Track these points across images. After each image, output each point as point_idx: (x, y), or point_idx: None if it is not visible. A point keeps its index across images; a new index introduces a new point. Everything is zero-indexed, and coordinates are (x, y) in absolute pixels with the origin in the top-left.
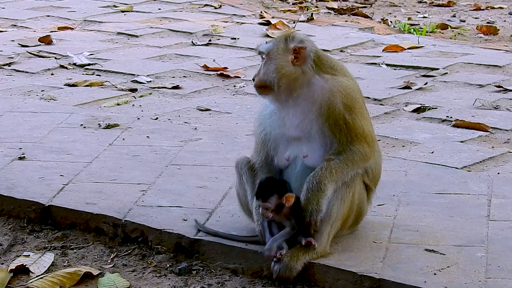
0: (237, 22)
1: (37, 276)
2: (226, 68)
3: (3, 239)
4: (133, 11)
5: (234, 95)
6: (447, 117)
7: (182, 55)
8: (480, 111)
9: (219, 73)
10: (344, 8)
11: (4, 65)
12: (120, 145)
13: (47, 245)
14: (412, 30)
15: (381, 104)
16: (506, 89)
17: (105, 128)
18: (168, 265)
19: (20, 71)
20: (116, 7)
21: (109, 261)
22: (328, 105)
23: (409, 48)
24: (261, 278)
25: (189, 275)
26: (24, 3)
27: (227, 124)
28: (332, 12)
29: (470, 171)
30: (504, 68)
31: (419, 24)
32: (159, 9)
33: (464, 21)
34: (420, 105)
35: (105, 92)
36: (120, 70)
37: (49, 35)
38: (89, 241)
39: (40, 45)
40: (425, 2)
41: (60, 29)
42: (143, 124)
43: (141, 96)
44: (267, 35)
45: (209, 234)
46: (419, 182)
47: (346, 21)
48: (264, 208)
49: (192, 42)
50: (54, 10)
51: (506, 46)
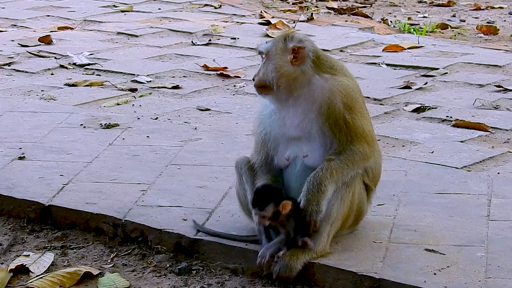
0: (237, 22)
1: (37, 276)
2: (226, 68)
3: (3, 239)
4: (133, 11)
5: (234, 95)
6: (447, 117)
7: (182, 55)
8: (480, 111)
9: (219, 73)
10: (344, 8)
11: (4, 65)
12: (120, 145)
13: (47, 245)
14: (412, 30)
15: (381, 104)
16: (506, 89)
17: (105, 128)
18: (168, 265)
19: (20, 71)
20: (116, 7)
21: (109, 261)
22: (328, 105)
23: (409, 48)
24: (261, 278)
25: (189, 275)
26: (24, 3)
27: (227, 124)
28: (332, 12)
29: (470, 171)
30: (504, 68)
31: (419, 24)
32: (159, 9)
33: (464, 21)
34: (420, 105)
35: (105, 92)
36: (120, 70)
37: (49, 35)
38: (89, 241)
39: (40, 45)
40: (425, 2)
41: (60, 29)
42: (143, 124)
43: (141, 96)
44: (267, 35)
45: (208, 234)
46: (419, 182)
47: (346, 21)
48: (260, 216)
49: (192, 42)
50: (54, 10)
51: (506, 46)
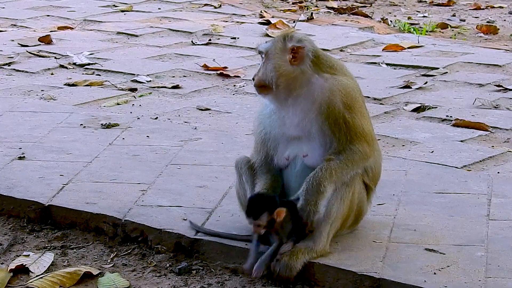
0: (237, 22)
1: (37, 276)
2: (226, 67)
3: (3, 238)
4: (133, 10)
5: (234, 94)
6: (447, 116)
7: (182, 54)
8: (480, 111)
9: (219, 72)
10: (344, 7)
11: (4, 64)
12: (120, 144)
13: (47, 245)
14: (412, 29)
15: (381, 104)
16: (506, 89)
17: (105, 127)
18: (168, 265)
19: (20, 70)
20: (116, 6)
21: (109, 261)
22: (328, 104)
23: (409, 48)
24: (261, 278)
25: (189, 274)
26: (24, 2)
27: (227, 124)
28: (332, 11)
29: (470, 170)
30: (504, 67)
31: (419, 24)
32: (159, 8)
33: (464, 20)
34: (420, 105)
35: (105, 91)
36: (120, 69)
37: (49, 34)
38: (89, 240)
39: (40, 44)
40: (425, 1)
41: (60, 28)
42: (143, 124)
43: (141, 96)
44: (267, 34)
45: (206, 233)
46: (419, 182)
47: (346, 20)
48: (255, 225)
49: (192, 41)
50: (54, 9)
51: (506, 45)
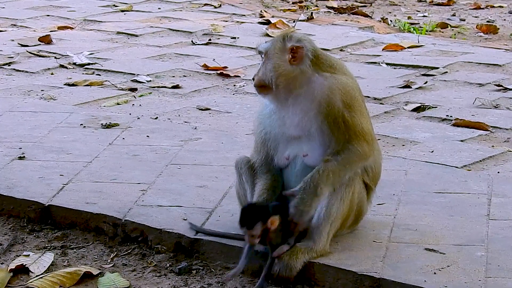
0: (237, 22)
1: (37, 276)
2: (226, 67)
3: (3, 238)
4: (133, 10)
5: (234, 94)
6: (447, 116)
7: (182, 54)
8: (480, 110)
9: (219, 72)
10: (344, 7)
11: (4, 64)
12: (120, 144)
13: (47, 245)
14: (412, 29)
15: (381, 103)
16: (506, 88)
17: (105, 127)
18: (168, 265)
19: (20, 70)
20: (116, 6)
21: (109, 261)
22: (327, 103)
23: (409, 47)
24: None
25: (189, 274)
26: (24, 2)
27: (227, 124)
28: (332, 11)
29: (470, 170)
30: (504, 67)
31: (419, 23)
32: (159, 8)
33: (464, 20)
34: (420, 104)
35: (105, 91)
36: (120, 69)
37: (49, 34)
38: (89, 240)
39: (40, 44)
40: (425, 1)
41: (60, 28)
42: (143, 124)
43: (141, 96)
44: (267, 34)
45: (205, 233)
46: (419, 181)
47: (346, 20)
48: (249, 235)
49: (192, 41)
50: (54, 9)
51: (506, 45)
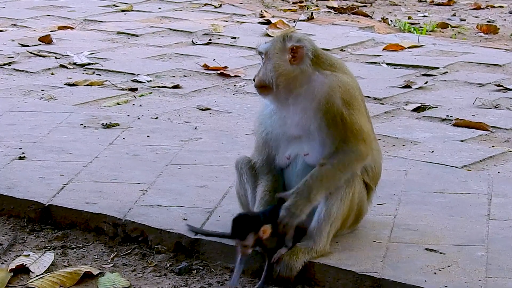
0: (237, 21)
1: (37, 276)
2: (226, 67)
3: (3, 238)
4: (133, 10)
5: (234, 94)
6: (447, 116)
7: (182, 54)
8: (480, 110)
9: (219, 72)
10: (344, 7)
11: (4, 64)
12: (120, 144)
13: (47, 245)
14: (412, 29)
15: (381, 103)
16: (506, 88)
17: (105, 127)
18: (168, 265)
19: (20, 70)
20: (116, 6)
21: (109, 261)
22: (327, 100)
23: (409, 47)
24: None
25: (189, 274)
26: (24, 2)
27: (227, 124)
28: (332, 11)
29: (470, 170)
30: (504, 67)
31: (419, 23)
32: (159, 8)
33: (464, 20)
34: (420, 104)
35: (105, 91)
36: (120, 69)
37: (49, 34)
38: (89, 240)
39: (40, 44)
40: (425, 1)
41: (60, 28)
42: (143, 124)
43: (141, 96)
44: (267, 34)
45: (206, 235)
46: (419, 181)
47: (346, 20)
48: (242, 246)
49: (192, 41)
50: (54, 9)
51: (506, 45)
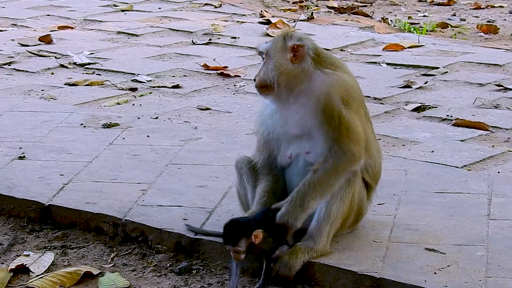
0: (237, 21)
1: (37, 276)
2: (226, 67)
3: (3, 238)
4: (133, 10)
5: (234, 94)
6: (447, 116)
7: (182, 54)
8: (480, 110)
9: (219, 72)
10: (344, 7)
11: (4, 64)
12: (120, 144)
13: (47, 245)
14: (412, 29)
15: (381, 103)
16: (506, 88)
17: (105, 127)
18: (168, 265)
19: (20, 70)
20: (116, 6)
21: (109, 261)
22: (326, 97)
23: (409, 47)
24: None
25: (189, 274)
26: (24, 2)
27: (227, 123)
28: (332, 11)
29: (470, 170)
30: (504, 67)
31: (419, 23)
32: (159, 8)
33: (464, 20)
34: (420, 104)
35: (105, 91)
36: (120, 69)
37: (49, 34)
38: (89, 240)
39: (40, 44)
40: (425, 1)
41: (60, 28)
42: (143, 124)
43: (141, 96)
44: (267, 34)
45: (206, 234)
46: (419, 181)
47: (346, 20)
48: (234, 252)
49: (192, 41)
50: (54, 9)
51: (507, 45)
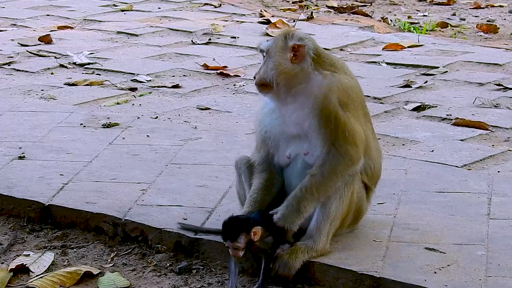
0: (237, 21)
1: (37, 276)
2: (226, 67)
3: (3, 238)
4: (133, 10)
5: (234, 94)
6: (447, 115)
7: (182, 54)
8: (480, 110)
9: (219, 72)
10: (344, 6)
11: (4, 64)
12: (120, 144)
13: (47, 245)
14: (412, 28)
15: (381, 103)
16: (506, 88)
17: (105, 127)
18: (168, 264)
19: (20, 70)
20: (116, 6)
21: (109, 260)
22: (323, 99)
23: (409, 47)
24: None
25: (189, 274)
26: (24, 2)
27: (227, 123)
28: (332, 10)
29: (470, 169)
30: (504, 66)
31: (419, 23)
32: (159, 8)
33: (464, 19)
34: (420, 104)
35: (105, 91)
36: (120, 69)
37: (49, 34)
38: (89, 240)
39: (40, 44)
40: (425, 0)
41: (60, 28)
42: (143, 123)
43: (141, 95)
44: (267, 34)
45: (192, 231)
46: (419, 181)
47: (346, 19)
48: (233, 248)
49: (192, 41)
50: (54, 9)
51: (506, 44)
